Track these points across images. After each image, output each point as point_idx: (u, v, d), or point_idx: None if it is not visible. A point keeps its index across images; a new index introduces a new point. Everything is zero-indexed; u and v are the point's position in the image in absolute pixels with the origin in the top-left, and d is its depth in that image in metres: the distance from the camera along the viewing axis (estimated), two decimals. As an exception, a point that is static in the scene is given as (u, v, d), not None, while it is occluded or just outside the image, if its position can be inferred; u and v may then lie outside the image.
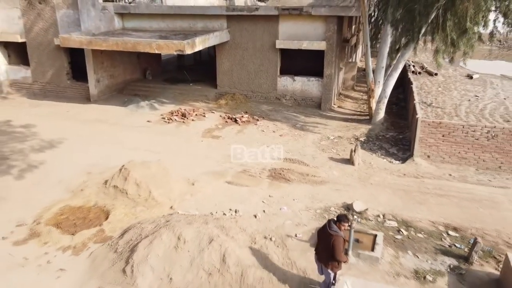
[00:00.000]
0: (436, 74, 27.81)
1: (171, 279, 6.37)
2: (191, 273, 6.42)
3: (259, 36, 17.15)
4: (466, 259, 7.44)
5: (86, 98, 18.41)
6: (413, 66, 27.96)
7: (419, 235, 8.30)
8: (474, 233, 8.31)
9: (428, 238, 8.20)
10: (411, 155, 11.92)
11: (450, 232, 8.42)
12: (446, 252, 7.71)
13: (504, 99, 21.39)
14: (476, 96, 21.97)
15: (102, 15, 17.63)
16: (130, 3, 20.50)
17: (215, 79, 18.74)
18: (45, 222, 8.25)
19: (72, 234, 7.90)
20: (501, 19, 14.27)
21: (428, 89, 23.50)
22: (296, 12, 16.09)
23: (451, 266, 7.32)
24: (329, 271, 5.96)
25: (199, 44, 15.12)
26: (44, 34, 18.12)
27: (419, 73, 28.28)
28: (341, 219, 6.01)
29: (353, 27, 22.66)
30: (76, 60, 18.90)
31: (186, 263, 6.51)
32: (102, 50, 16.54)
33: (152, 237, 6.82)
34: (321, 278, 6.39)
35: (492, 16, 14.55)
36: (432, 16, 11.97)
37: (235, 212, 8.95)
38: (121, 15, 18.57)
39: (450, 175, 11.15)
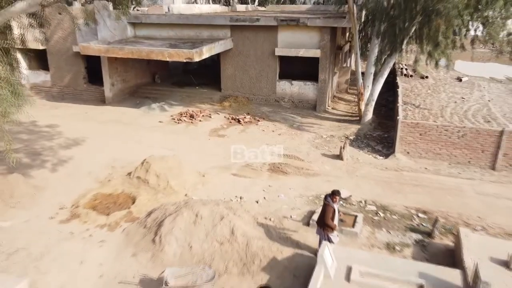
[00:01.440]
0: (426, 77, 29.41)
1: (191, 247, 8.04)
2: (207, 242, 8.09)
3: (260, 44, 18.83)
4: (429, 234, 9.12)
5: (101, 101, 20.09)
6: (406, 69, 29.52)
7: (394, 217, 9.98)
8: (439, 215, 9.99)
9: (400, 219, 9.88)
10: (393, 151, 13.59)
11: (420, 215, 10.10)
12: (414, 230, 9.39)
13: (489, 101, 22.97)
14: (462, 98, 23.53)
15: (116, 25, 19.29)
16: (137, 10, 22.15)
17: (219, 83, 20.42)
18: (82, 205, 9.92)
19: (106, 215, 9.57)
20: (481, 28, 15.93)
21: (418, 91, 25.08)
22: (294, 23, 17.76)
23: (417, 240, 9.00)
24: (323, 232, 7.79)
25: (206, 52, 16.79)
26: (63, 42, 19.81)
27: (411, 76, 29.85)
28: (334, 192, 7.86)
29: (347, 34, 24.35)
30: (91, 65, 20.59)
31: (202, 235, 8.19)
32: (116, 57, 18.22)
33: (175, 214, 8.49)
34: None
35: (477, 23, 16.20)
36: (412, 30, 13.66)
37: (240, 198, 10.64)
38: (133, 24, 20.25)
39: (426, 168, 12.83)
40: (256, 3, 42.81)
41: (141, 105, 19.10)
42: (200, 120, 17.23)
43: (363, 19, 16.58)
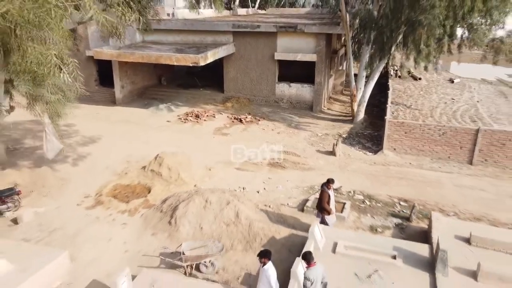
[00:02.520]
0: (420, 79, 30.71)
1: (201, 228, 9.40)
2: (215, 224, 9.45)
3: (260, 49, 20.20)
4: (408, 219, 10.49)
5: (112, 101, 21.45)
6: (399, 70, 30.80)
7: (378, 204, 11.34)
8: (418, 203, 11.35)
9: (384, 206, 11.24)
10: (382, 148, 14.95)
11: (401, 203, 11.46)
12: (395, 215, 10.76)
13: (477, 102, 24.31)
14: (452, 99, 24.87)
15: (126, 30, 20.60)
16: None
17: (222, 84, 21.79)
18: (105, 194, 11.28)
19: (126, 202, 10.93)
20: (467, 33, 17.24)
21: (411, 93, 26.42)
22: (292, 30, 19.13)
23: (396, 223, 10.37)
24: (321, 214, 9.18)
25: (211, 56, 18.16)
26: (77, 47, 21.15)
27: (405, 77, 31.13)
28: (329, 181, 9.28)
29: (343, 39, 25.71)
30: (101, 69, 21.95)
31: (211, 217, 9.55)
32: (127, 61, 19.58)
33: (188, 200, 9.85)
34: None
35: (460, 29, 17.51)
36: (399, 38, 15.03)
37: (243, 189, 12.00)
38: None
39: (410, 163, 14.20)
40: (257, 6, 44.12)
41: (149, 105, 20.47)
42: (205, 120, 18.60)
43: (356, 26, 17.92)
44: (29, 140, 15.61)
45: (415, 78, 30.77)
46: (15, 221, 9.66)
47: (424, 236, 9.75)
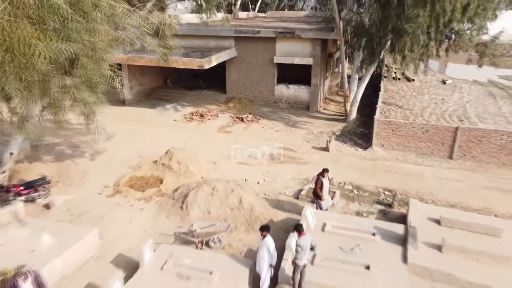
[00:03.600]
0: (413, 80, 32.08)
1: (209, 212, 10.83)
2: (221, 208, 10.88)
3: (260, 53, 21.64)
4: (390, 206, 11.91)
5: (121, 102, 22.83)
6: (395, 72, 32.13)
7: (365, 194, 12.77)
8: (400, 192, 12.77)
9: (370, 195, 12.67)
10: (371, 145, 16.37)
11: (386, 192, 12.89)
12: (379, 203, 12.19)
13: (466, 102, 25.70)
14: (443, 99, 26.26)
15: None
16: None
17: (225, 86, 23.22)
18: (122, 184, 12.71)
19: (142, 191, 12.35)
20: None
21: (403, 93, 27.84)
22: (289, 35, 20.56)
23: (380, 209, 11.80)
24: (316, 200, 10.61)
25: (215, 60, 19.58)
26: (88, 51, 22.58)
27: (399, 79, 32.50)
28: (324, 170, 10.70)
29: (338, 43, 27.13)
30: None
31: (218, 203, 10.97)
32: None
33: (197, 189, 11.28)
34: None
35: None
36: (387, 44, 16.47)
37: (245, 180, 13.42)
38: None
39: (397, 158, 15.63)
40: (257, 9, 45.54)
41: (156, 106, 21.90)
42: (209, 119, 20.02)
43: (349, 32, 19.35)
44: (48, 138, 17.02)
45: (408, 80, 32.11)
46: (47, 206, 11.08)
47: (403, 220, 11.15)
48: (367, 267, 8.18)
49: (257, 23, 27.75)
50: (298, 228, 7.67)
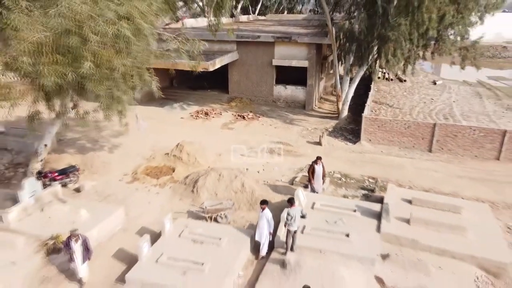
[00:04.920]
0: (405, 81, 33.84)
1: (216, 194, 12.67)
2: (226, 191, 12.73)
3: (260, 56, 23.48)
4: (372, 191, 13.75)
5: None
6: (388, 73, 33.85)
7: (351, 181, 14.61)
8: (382, 179, 14.60)
9: (356, 182, 14.51)
10: (359, 139, 18.20)
11: (370, 180, 14.72)
12: (363, 188, 14.02)
13: (454, 101, 27.50)
14: (431, 99, 28.05)
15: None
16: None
17: (227, 86, 25.06)
18: (139, 173, 14.56)
19: (157, 179, 14.19)
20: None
21: (395, 93, 29.67)
22: (287, 40, 22.40)
23: (363, 193, 13.64)
24: (310, 183, 12.45)
25: (218, 63, 21.42)
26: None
27: (391, 79, 34.26)
28: (317, 157, 12.55)
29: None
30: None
31: (223, 187, 12.82)
32: (146, 66, 22.82)
33: (205, 175, 13.12)
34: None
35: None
36: (375, 49, 18.32)
37: (246, 169, 15.27)
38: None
39: (382, 151, 17.46)
40: (257, 13, 47.31)
41: (165, 104, 23.73)
42: (213, 117, 21.86)
43: (341, 37, 21.18)
44: (69, 133, 18.87)
45: (400, 80, 33.84)
46: (77, 190, 12.95)
47: (382, 201, 13.01)
48: (347, 235, 10.03)
49: (257, 27, 29.57)
50: (290, 200, 9.51)
